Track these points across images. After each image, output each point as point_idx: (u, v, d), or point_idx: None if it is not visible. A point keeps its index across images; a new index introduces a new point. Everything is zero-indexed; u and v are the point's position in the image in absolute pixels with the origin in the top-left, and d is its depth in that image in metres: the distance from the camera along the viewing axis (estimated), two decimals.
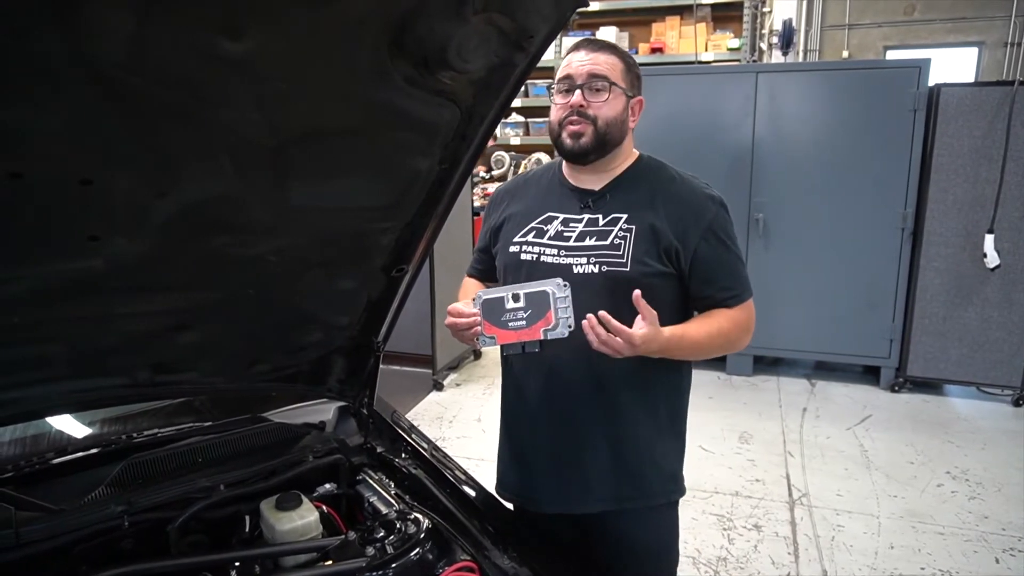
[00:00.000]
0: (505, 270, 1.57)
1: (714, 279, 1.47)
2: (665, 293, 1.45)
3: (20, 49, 0.74)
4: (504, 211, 1.62)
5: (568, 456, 1.52)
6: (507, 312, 1.35)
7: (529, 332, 1.33)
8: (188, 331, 1.30)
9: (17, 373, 1.20)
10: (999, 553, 2.79)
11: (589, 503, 1.53)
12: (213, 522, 1.37)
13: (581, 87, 1.43)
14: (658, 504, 1.56)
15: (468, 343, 1.47)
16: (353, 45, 0.90)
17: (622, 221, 1.45)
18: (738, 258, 1.51)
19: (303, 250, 1.26)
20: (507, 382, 1.63)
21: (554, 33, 0.99)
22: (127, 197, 1.00)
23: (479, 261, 1.72)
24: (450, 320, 1.44)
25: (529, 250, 1.51)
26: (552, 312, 1.32)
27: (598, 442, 1.51)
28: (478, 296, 1.39)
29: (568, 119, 1.44)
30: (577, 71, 1.43)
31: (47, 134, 0.86)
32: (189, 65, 0.84)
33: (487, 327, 1.37)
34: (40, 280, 1.06)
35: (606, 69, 1.43)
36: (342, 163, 1.11)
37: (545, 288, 1.33)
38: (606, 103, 1.43)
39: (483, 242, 1.69)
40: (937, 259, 4.19)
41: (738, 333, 1.49)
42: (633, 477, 1.52)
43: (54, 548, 1.21)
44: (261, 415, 1.65)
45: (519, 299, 1.34)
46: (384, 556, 1.23)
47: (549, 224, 1.51)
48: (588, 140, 1.44)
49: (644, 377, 1.48)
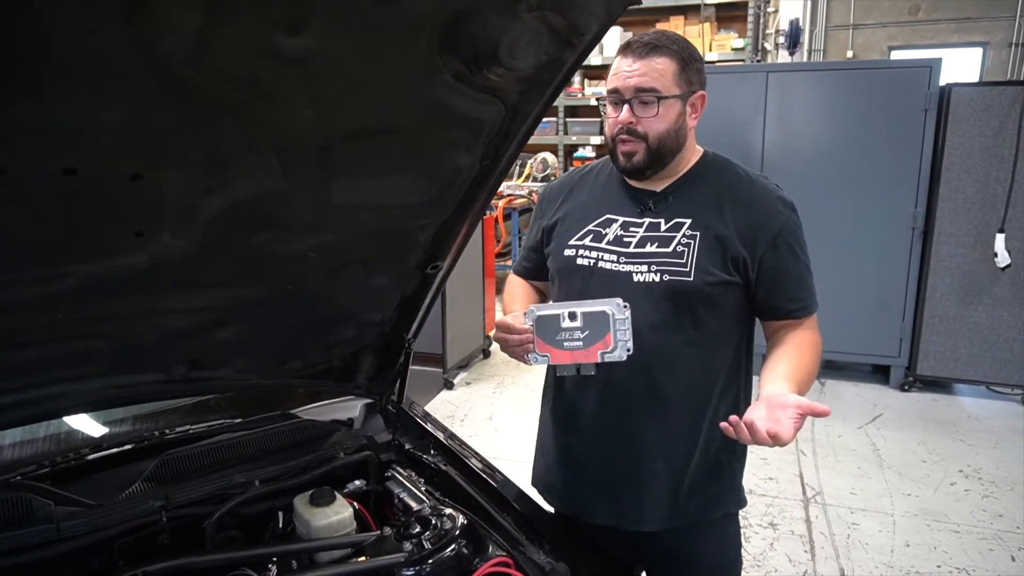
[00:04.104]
0: (559, 274, 1.50)
1: (782, 290, 1.40)
2: (728, 302, 1.40)
3: (86, 46, 0.74)
4: (558, 209, 1.54)
5: (624, 472, 1.45)
6: (563, 331, 1.29)
7: (586, 354, 1.28)
8: (226, 327, 1.30)
9: (58, 369, 1.21)
10: (1015, 551, 2.80)
11: (644, 521, 1.46)
12: (247, 518, 1.38)
13: (629, 102, 1.34)
14: (716, 517, 1.49)
15: (518, 359, 1.39)
16: (407, 43, 0.90)
17: (685, 227, 1.38)
18: (806, 267, 1.43)
19: (342, 247, 1.26)
20: (559, 389, 1.55)
21: (604, 31, 1.00)
22: (175, 193, 1.01)
23: (527, 259, 1.64)
24: (500, 335, 1.38)
25: (586, 255, 1.44)
26: (611, 334, 1.26)
27: (656, 459, 1.43)
28: (531, 311, 1.33)
29: (619, 136, 1.37)
30: (624, 84, 1.33)
31: (104, 131, 0.87)
32: (247, 61, 0.85)
33: (540, 345, 1.31)
34: (85, 276, 1.06)
35: (654, 79, 1.32)
36: (387, 160, 1.11)
37: (605, 309, 1.27)
38: (657, 117, 1.34)
39: (533, 240, 1.62)
40: (947, 258, 4.19)
41: (818, 356, 1.40)
42: (692, 495, 1.44)
43: (94, 543, 1.22)
44: (290, 412, 1.65)
45: (576, 318, 1.28)
46: (421, 552, 1.24)
47: (608, 227, 1.44)
48: (641, 158, 1.37)
49: (705, 391, 1.42)
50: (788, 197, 1.44)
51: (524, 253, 1.67)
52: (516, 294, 1.64)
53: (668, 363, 1.40)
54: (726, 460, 1.48)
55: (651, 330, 1.36)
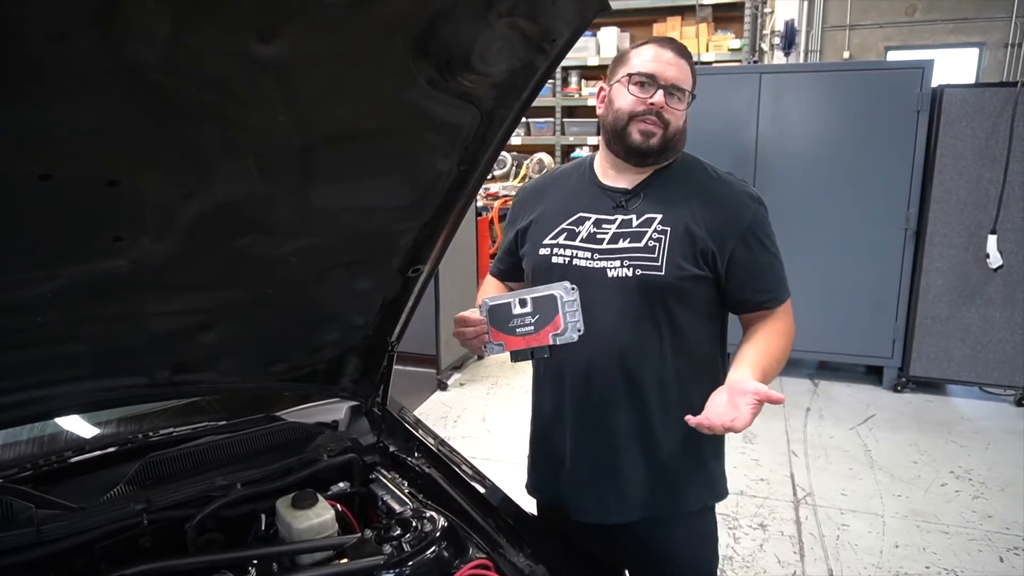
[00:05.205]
0: (535, 273, 1.52)
1: (752, 281, 1.44)
2: (699, 296, 1.43)
3: (58, 51, 0.75)
4: (532, 211, 1.58)
5: (604, 465, 1.49)
6: (515, 318, 1.33)
7: (538, 338, 1.31)
8: (209, 331, 1.31)
9: (41, 373, 1.21)
10: (1003, 552, 2.80)
11: (625, 513, 1.50)
12: (229, 520, 1.38)
13: (665, 88, 1.38)
14: (693, 510, 1.52)
15: (476, 352, 1.44)
16: (380, 48, 0.91)
17: (656, 222, 1.41)
18: (776, 258, 1.47)
19: (324, 250, 1.26)
20: (541, 387, 1.60)
21: (576, 36, 1.00)
22: (154, 198, 1.01)
23: (502, 261, 1.68)
24: (457, 330, 1.42)
25: (561, 253, 1.47)
26: (560, 316, 1.30)
27: (633, 451, 1.47)
28: (484, 303, 1.37)
29: (643, 115, 1.39)
30: (663, 73, 1.38)
31: (78, 135, 0.87)
32: (220, 67, 0.85)
33: (494, 334, 1.35)
34: (65, 281, 1.07)
35: (686, 79, 1.40)
36: (365, 164, 1.12)
37: (552, 292, 1.31)
38: (681, 112, 1.41)
39: (508, 243, 1.65)
40: (940, 259, 4.20)
41: (788, 341, 1.45)
42: (669, 485, 1.48)
43: (75, 545, 1.22)
44: (275, 414, 1.66)
45: (526, 304, 1.32)
46: (401, 554, 1.24)
47: (581, 225, 1.47)
48: (657, 142, 1.40)
49: (680, 384, 1.45)
50: (755, 192, 1.49)
51: (499, 255, 1.71)
52: (488, 293, 1.66)
53: (643, 356, 1.43)
54: (703, 452, 1.51)
55: (626, 324, 1.40)
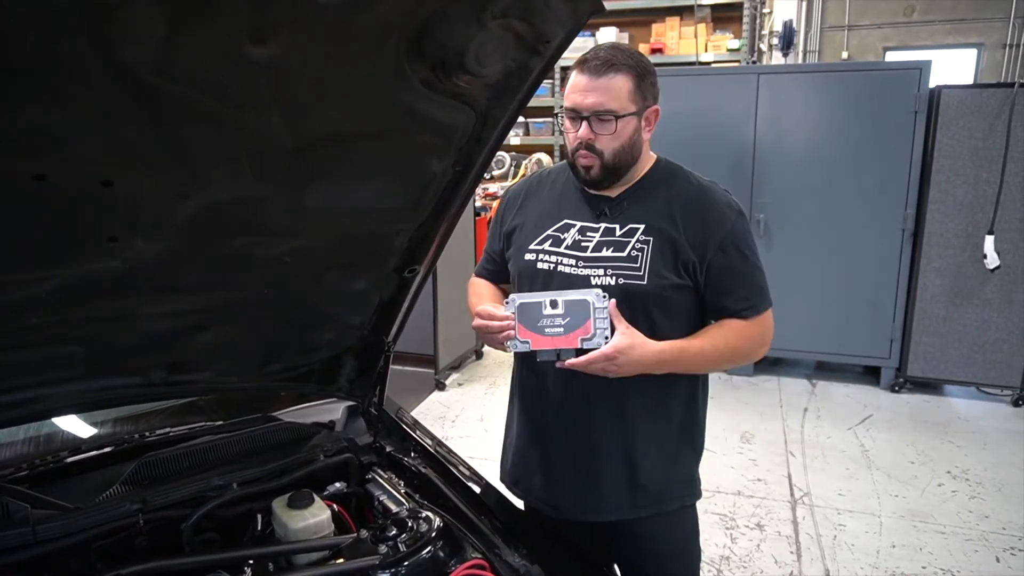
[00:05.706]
0: (520, 276, 1.54)
1: (729, 290, 1.45)
2: (681, 304, 1.45)
3: (51, 53, 0.75)
4: (517, 214, 1.59)
5: (584, 465, 1.52)
6: (544, 318, 1.35)
7: (566, 340, 1.34)
8: (205, 331, 1.31)
9: (36, 373, 1.21)
10: (1000, 552, 2.81)
11: (603, 512, 1.52)
12: (225, 520, 1.38)
13: (587, 119, 1.37)
14: (672, 509, 1.55)
15: (496, 346, 1.44)
16: (374, 50, 0.91)
17: (639, 232, 1.43)
18: (756, 268, 1.47)
19: (319, 251, 1.27)
20: (523, 386, 1.62)
21: (570, 37, 1.00)
22: (148, 199, 1.02)
23: (489, 262, 1.69)
24: (480, 322, 1.43)
25: (546, 259, 1.49)
26: (591, 322, 1.33)
27: (612, 452, 1.49)
28: (512, 299, 1.38)
29: (577, 151, 1.41)
30: (582, 103, 1.36)
31: (72, 136, 0.87)
32: (213, 69, 0.85)
33: (521, 331, 1.36)
34: (59, 281, 1.07)
35: (611, 98, 1.35)
36: (359, 165, 1.12)
37: (586, 297, 1.34)
38: (613, 135, 1.38)
39: (494, 244, 1.67)
40: (937, 260, 4.21)
41: (750, 346, 1.47)
42: (647, 487, 1.50)
43: (71, 545, 1.22)
44: (271, 415, 1.66)
45: (557, 306, 1.35)
46: (396, 554, 1.24)
47: (566, 232, 1.49)
48: (597, 173, 1.42)
49: (658, 387, 1.46)
50: (736, 202, 1.50)
51: (485, 256, 1.72)
52: (483, 293, 1.67)
53: None
54: (681, 453, 1.55)
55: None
